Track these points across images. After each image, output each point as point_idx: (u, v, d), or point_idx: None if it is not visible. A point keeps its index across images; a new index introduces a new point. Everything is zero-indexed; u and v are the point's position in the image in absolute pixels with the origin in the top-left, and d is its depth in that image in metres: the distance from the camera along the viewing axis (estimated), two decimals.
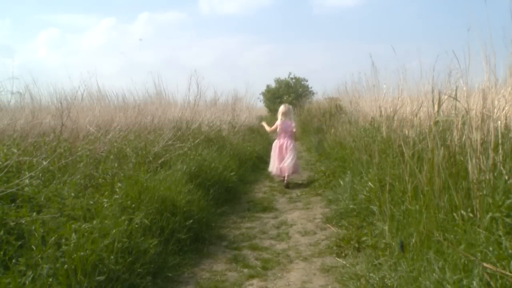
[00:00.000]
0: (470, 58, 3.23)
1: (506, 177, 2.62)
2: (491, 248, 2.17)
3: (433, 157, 3.22)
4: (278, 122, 7.41)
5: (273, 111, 23.81)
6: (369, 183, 4.57)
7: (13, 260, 2.48)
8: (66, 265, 2.49)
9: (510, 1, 2.86)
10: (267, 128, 7.79)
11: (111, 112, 7.28)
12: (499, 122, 3.13)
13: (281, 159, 7.14)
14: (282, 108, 7.50)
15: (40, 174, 3.64)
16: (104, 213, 3.20)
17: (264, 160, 9.58)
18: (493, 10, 3.11)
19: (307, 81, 27.12)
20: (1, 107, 6.46)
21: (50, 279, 2.38)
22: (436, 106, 3.65)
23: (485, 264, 2.02)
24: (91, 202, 3.38)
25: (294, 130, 7.31)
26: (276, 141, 7.44)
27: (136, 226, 3.26)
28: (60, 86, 7.14)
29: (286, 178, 7.05)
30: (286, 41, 77.28)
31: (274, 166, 7.26)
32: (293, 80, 27.11)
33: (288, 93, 26.05)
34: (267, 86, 27.58)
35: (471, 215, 2.69)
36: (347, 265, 3.38)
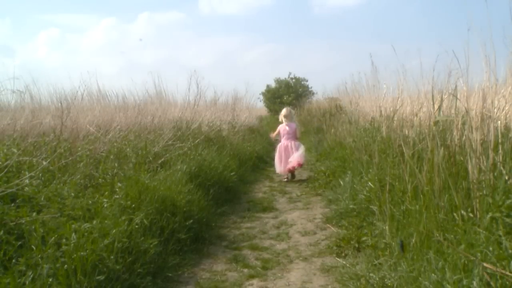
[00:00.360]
0: (470, 58, 3.23)
1: (506, 177, 2.62)
2: (491, 248, 2.16)
3: (433, 157, 3.22)
4: (282, 125, 7.66)
5: (273, 111, 23.77)
6: (369, 183, 4.57)
7: (13, 260, 2.48)
8: (66, 265, 2.49)
9: (510, 1, 2.86)
10: (273, 135, 8.04)
11: (111, 112, 7.28)
12: (499, 122, 3.14)
13: (287, 158, 7.32)
14: (284, 112, 7.78)
15: (40, 174, 3.64)
16: (104, 213, 3.20)
17: (264, 160, 9.59)
18: (493, 10, 3.11)
19: (307, 81, 27.05)
20: (1, 107, 6.46)
21: (50, 279, 2.38)
22: (436, 106, 3.65)
23: (485, 264, 2.02)
24: (91, 202, 3.38)
25: (301, 130, 7.58)
26: (280, 143, 7.64)
27: (136, 226, 3.26)
28: (60, 86, 7.17)
29: (291, 168, 7.26)
30: (286, 41, 77.39)
31: (280, 166, 7.40)
32: (293, 80, 27.03)
33: (288, 93, 25.98)
34: (267, 86, 27.52)
35: (471, 215, 2.69)
36: (347, 265, 3.38)
